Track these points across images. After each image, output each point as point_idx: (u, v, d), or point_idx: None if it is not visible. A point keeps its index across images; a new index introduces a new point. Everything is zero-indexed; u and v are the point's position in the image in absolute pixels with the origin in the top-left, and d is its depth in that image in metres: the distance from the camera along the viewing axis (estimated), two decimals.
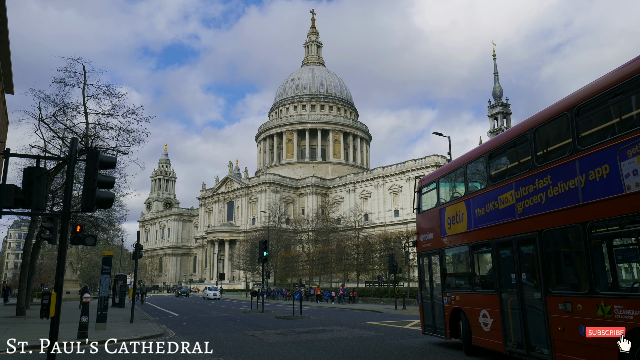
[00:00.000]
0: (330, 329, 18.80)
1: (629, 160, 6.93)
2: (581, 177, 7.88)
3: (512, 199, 9.86)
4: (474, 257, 11.69)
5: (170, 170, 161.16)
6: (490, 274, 11.15)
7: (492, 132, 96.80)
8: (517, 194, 9.67)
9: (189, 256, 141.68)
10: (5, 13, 21.83)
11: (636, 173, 6.83)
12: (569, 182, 8.19)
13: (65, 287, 48.51)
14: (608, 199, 7.34)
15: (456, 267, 13.42)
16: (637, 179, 6.82)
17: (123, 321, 23.61)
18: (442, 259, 13.34)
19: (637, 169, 6.81)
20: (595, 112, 8.08)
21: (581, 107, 8.05)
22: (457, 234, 12.41)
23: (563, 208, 8.33)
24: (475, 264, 11.71)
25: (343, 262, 51.40)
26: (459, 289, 12.51)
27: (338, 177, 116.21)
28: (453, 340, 13.01)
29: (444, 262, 13.35)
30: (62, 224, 10.19)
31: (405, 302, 34.75)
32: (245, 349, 13.50)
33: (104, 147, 27.74)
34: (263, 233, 76.81)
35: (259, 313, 30.90)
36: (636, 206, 6.78)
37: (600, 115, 8.13)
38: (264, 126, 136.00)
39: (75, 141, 10.87)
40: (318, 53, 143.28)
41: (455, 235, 12.50)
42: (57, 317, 9.62)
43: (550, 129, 9.23)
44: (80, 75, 26.40)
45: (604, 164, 7.41)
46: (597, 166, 7.54)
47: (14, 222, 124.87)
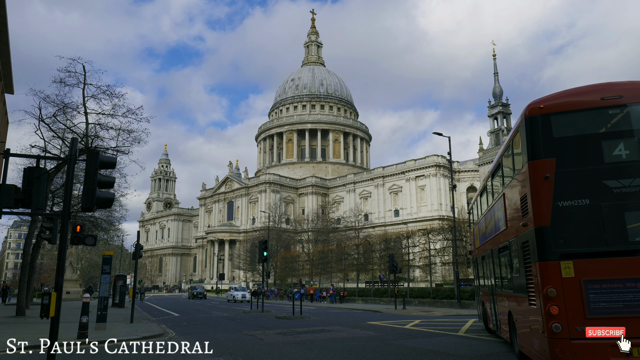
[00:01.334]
0: (330, 329, 18.80)
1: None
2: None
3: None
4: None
5: (170, 170, 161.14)
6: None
7: (491, 132, 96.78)
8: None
9: (189, 256, 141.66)
10: (5, 13, 21.81)
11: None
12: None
13: (65, 287, 48.50)
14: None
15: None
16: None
17: (123, 321, 23.61)
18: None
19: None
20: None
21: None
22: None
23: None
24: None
25: (343, 262, 51.32)
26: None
27: (338, 177, 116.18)
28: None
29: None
30: (62, 224, 10.18)
31: (405, 302, 34.73)
32: (246, 349, 13.50)
33: (104, 147, 27.74)
34: (263, 233, 76.82)
35: (259, 313, 30.90)
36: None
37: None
38: (264, 126, 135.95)
39: (75, 141, 10.86)
40: (318, 53, 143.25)
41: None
42: (57, 317, 9.62)
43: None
44: (80, 75, 26.43)
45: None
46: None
47: (14, 222, 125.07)
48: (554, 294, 8.13)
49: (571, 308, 8.06)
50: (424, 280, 51.95)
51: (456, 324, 20.57)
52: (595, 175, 8.47)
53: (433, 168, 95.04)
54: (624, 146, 8.57)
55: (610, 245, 8.21)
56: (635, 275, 7.94)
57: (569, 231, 8.39)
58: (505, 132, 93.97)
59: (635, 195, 8.24)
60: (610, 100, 8.73)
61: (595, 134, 8.89)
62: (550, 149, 8.76)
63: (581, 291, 8.06)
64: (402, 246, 44.07)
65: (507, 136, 11.39)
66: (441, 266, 45.79)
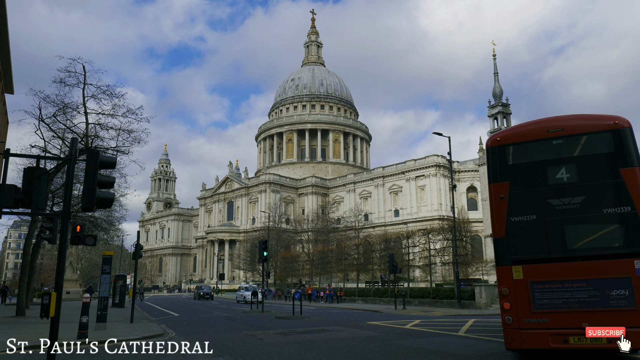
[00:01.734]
0: (330, 329, 18.79)
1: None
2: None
3: None
4: None
5: (170, 170, 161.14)
6: None
7: (491, 132, 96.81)
8: None
9: (189, 256, 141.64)
10: (5, 13, 21.81)
11: None
12: None
13: (65, 287, 48.51)
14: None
15: None
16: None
17: (123, 321, 23.60)
18: None
19: None
20: None
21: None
22: None
23: None
24: None
25: (343, 262, 51.31)
26: None
27: (338, 177, 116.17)
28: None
29: None
30: (62, 224, 10.17)
31: (405, 302, 34.73)
32: (246, 349, 13.49)
33: (104, 147, 27.74)
34: (263, 233, 76.83)
35: (259, 313, 30.88)
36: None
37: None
38: (264, 126, 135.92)
39: (75, 141, 10.86)
40: (318, 53, 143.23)
41: None
42: (57, 317, 9.61)
43: None
44: (80, 75, 26.42)
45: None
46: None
47: (14, 222, 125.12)
48: (506, 293, 9.84)
49: (520, 304, 9.70)
50: (424, 280, 52.02)
51: (456, 324, 20.56)
52: (541, 195, 10.14)
53: (433, 168, 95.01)
54: (565, 170, 10.21)
55: (552, 253, 9.82)
56: (571, 277, 9.52)
57: (519, 241, 10.09)
58: None
59: (573, 212, 9.82)
60: (554, 132, 10.43)
61: (542, 160, 10.52)
62: (505, 173, 10.54)
63: (528, 290, 9.70)
64: (402, 246, 44.09)
65: None
66: (441, 266, 45.87)
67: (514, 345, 9.77)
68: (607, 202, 9.75)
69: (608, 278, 9.33)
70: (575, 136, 10.42)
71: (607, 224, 9.90)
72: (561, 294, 9.53)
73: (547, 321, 9.50)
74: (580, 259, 9.66)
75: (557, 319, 9.47)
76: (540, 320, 9.54)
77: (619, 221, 9.70)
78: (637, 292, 9.05)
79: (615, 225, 9.84)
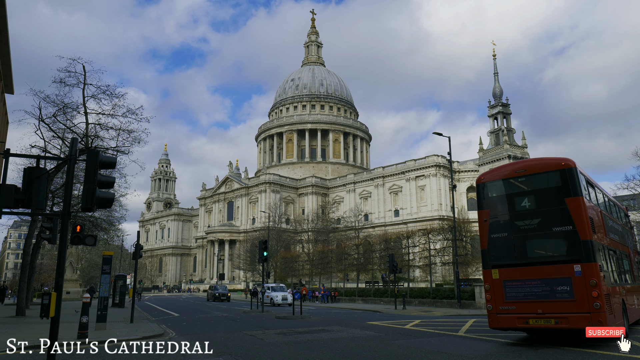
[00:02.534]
0: (330, 329, 18.79)
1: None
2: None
3: None
4: None
5: (170, 170, 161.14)
6: None
7: (491, 132, 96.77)
8: None
9: (189, 256, 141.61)
10: (5, 13, 21.81)
11: None
12: None
13: (65, 287, 48.51)
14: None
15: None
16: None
17: (123, 321, 23.60)
18: None
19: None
20: None
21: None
22: None
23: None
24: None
25: (343, 262, 51.26)
26: None
27: (338, 177, 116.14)
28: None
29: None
30: (62, 224, 10.17)
31: (405, 302, 34.72)
32: (246, 349, 13.49)
33: (104, 147, 27.74)
34: (263, 233, 76.79)
35: (259, 313, 30.89)
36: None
37: None
38: (264, 126, 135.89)
39: (75, 141, 10.85)
40: (318, 53, 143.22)
41: None
42: (57, 317, 9.61)
43: None
44: (80, 75, 26.41)
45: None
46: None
47: (14, 222, 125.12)
48: (488, 288, 13.66)
49: (497, 296, 13.35)
50: (424, 280, 52.02)
51: (456, 324, 20.56)
52: (511, 218, 13.76)
53: (433, 168, 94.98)
54: (527, 200, 13.72)
55: (518, 260, 13.36)
56: (530, 277, 12.87)
57: (497, 252, 13.75)
58: (504, 132, 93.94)
59: (532, 230, 13.31)
60: (519, 172, 14.28)
61: (511, 193, 14.23)
62: (487, 203, 14.44)
63: (502, 286, 13.29)
64: (402, 246, 44.06)
65: (506, 136, 17.55)
66: (441, 266, 45.84)
67: (493, 325, 13.42)
68: (556, 223, 12.89)
69: (555, 278, 12.42)
70: (535, 175, 13.84)
71: (555, 239, 13.12)
72: (524, 289, 12.87)
73: (514, 308, 12.94)
74: (537, 264, 12.94)
75: (521, 306, 12.80)
76: (510, 307, 13.01)
77: (563, 237, 12.82)
78: (575, 287, 12.10)
79: (561, 240, 12.95)
